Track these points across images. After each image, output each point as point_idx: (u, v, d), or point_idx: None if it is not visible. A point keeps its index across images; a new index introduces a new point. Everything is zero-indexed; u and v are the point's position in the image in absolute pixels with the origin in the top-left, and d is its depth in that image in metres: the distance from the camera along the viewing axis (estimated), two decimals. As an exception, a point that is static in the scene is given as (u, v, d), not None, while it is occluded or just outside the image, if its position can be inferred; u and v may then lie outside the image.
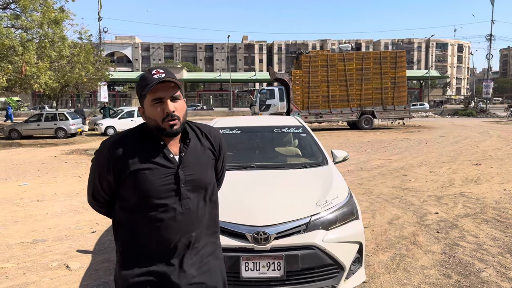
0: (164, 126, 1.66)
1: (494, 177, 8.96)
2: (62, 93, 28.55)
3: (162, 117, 1.65)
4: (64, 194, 7.98)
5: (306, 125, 5.26)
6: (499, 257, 4.41)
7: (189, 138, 1.77)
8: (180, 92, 1.71)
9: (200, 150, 1.79)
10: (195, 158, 1.75)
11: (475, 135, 19.48)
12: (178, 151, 1.74)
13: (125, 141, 1.70)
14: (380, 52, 26.44)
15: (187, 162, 1.72)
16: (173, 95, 1.68)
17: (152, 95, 1.65)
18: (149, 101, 1.67)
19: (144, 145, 1.70)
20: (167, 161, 1.69)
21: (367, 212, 6.27)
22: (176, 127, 1.67)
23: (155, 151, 1.69)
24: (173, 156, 1.71)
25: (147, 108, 1.69)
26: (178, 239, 1.68)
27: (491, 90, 44.59)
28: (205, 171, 1.78)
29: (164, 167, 1.68)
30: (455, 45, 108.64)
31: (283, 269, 2.94)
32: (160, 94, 1.65)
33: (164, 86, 1.65)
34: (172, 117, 1.65)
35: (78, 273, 4.21)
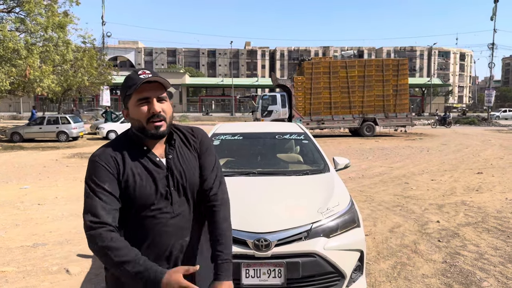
0: (149, 127, 1.62)
1: (495, 186, 8.94)
2: (64, 96, 28.64)
3: (147, 117, 1.61)
4: (65, 198, 7.98)
5: (308, 131, 5.26)
6: (501, 267, 4.39)
7: (174, 139, 1.72)
8: (166, 94, 1.67)
9: (186, 151, 1.75)
10: (182, 160, 1.71)
11: (476, 143, 19.45)
12: (164, 153, 1.70)
13: (113, 148, 1.65)
14: (383, 59, 26.50)
15: (175, 165, 1.68)
16: (160, 95, 1.64)
17: (138, 95, 1.61)
18: (135, 101, 1.62)
19: (129, 153, 1.64)
20: (154, 165, 1.65)
21: (369, 219, 6.26)
22: (162, 128, 1.63)
23: (140, 157, 1.64)
24: (160, 160, 1.67)
25: (132, 109, 1.64)
26: (172, 244, 1.65)
27: (493, 99, 44.54)
28: (193, 173, 1.72)
29: (153, 171, 1.64)
30: (457, 53, 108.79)
31: (284, 277, 2.93)
32: (146, 94, 1.61)
33: (151, 86, 1.61)
34: (158, 118, 1.61)
35: (78, 277, 4.20)
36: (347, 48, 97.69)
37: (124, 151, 1.64)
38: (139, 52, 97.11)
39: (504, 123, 39.78)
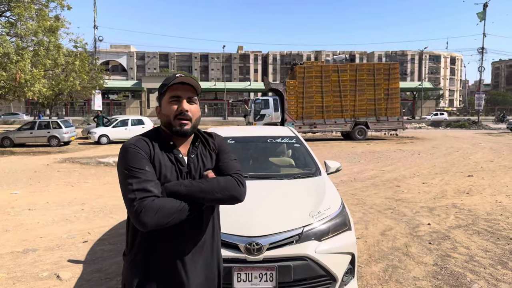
0: (175, 123, 1.78)
1: (486, 188, 9.03)
2: (56, 101, 28.44)
3: (175, 114, 1.77)
4: (56, 203, 7.92)
5: (299, 135, 5.28)
6: (491, 269, 4.43)
7: (198, 141, 1.91)
8: (197, 98, 1.85)
9: (206, 153, 1.91)
10: (201, 161, 1.87)
11: (467, 146, 19.63)
12: (187, 152, 1.86)
13: (147, 139, 1.79)
14: (374, 63, 26.66)
15: (194, 164, 1.84)
16: (191, 96, 1.81)
17: (171, 93, 1.79)
18: (167, 98, 1.80)
19: (157, 145, 1.79)
20: (177, 161, 1.80)
21: (360, 223, 6.28)
22: (187, 127, 1.79)
23: (166, 150, 1.80)
24: (182, 157, 1.83)
25: (164, 105, 1.82)
26: (188, 238, 1.78)
27: (483, 102, 45.06)
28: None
29: (176, 166, 1.79)
30: (448, 57, 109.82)
31: (276, 280, 2.94)
32: (178, 93, 1.79)
33: (184, 87, 1.79)
34: (184, 116, 1.77)
35: (69, 283, 4.17)
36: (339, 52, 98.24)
37: (154, 142, 1.80)
38: (131, 56, 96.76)
39: (494, 126, 40.19)
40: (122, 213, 7.07)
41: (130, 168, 1.67)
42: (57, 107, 42.67)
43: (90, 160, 15.38)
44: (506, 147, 19.26)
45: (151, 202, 1.60)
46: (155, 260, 1.76)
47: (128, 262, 1.81)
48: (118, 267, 4.55)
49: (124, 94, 68.10)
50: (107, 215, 6.95)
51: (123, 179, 1.68)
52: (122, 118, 24.73)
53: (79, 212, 7.18)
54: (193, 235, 1.80)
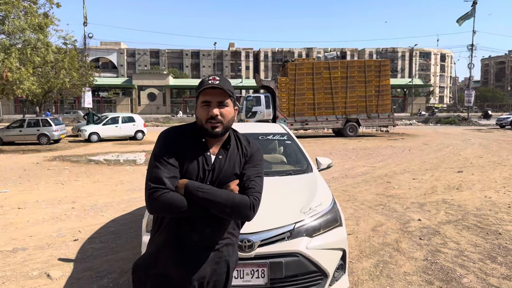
0: (207, 126, 1.86)
1: (475, 184, 9.12)
2: (45, 99, 28.16)
3: (206, 118, 1.85)
4: (46, 201, 7.85)
5: (291, 132, 5.29)
6: (480, 263, 4.48)
7: (230, 144, 1.96)
8: (230, 100, 1.90)
9: (235, 158, 1.96)
10: (228, 163, 1.92)
11: (457, 143, 19.82)
12: (217, 152, 1.92)
13: (180, 133, 1.92)
14: (365, 60, 26.79)
15: (220, 164, 1.90)
16: (221, 101, 1.86)
17: (202, 98, 1.87)
18: (200, 102, 1.89)
19: (190, 138, 1.90)
20: (204, 158, 1.88)
21: (351, 219, 6.32)
22: (217, 129, 1.86)
23: (196, 146, 1.89)
24: (210, 155, 1.90)
25: (198, 108, 1.91)
26: (193, 235, 1.84)
27: (472, 99, 45.48)
28: (229, 177, 1.92)
29: (201, 162, 1.87)
30: (438, 54, 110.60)
31: (267, 277, 2.94)
32: (208, 98, 1.86)
33: (215, 92, 1.85)
34: (215, 120, 1.84)
35: (59, 282, 4.13)
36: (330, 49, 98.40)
37: (187, 135, 1.91)
38: (121, 53, 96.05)
39: (483, 123, 40.60)
40: (113, 211, 7.04)
41: (156, 156, 1.84)
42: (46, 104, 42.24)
43: (81, 158, 15.26)
44: (495, 143, 19.48)
45: (162, 195, 1.74)
46: (170, 240, 1.85)
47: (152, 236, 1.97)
48: (109, 265, 4.53)
49: (115, 91, 67.67)
50: (97, 213, 6.91)
51: (150, 163, 1.86)
52: (113, 115, 24.58)
53: (69, 210, 7.13)
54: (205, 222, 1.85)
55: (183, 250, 1.86)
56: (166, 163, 1.81)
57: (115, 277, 4.19)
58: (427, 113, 50.23)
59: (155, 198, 1.75)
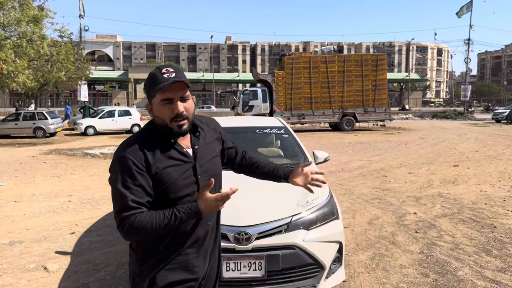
0: (172, 126, 1.67)
1: (471, 178, 9.17)
2: (41, 92, 28.00)
3: (171, 117, 1.66)
4: (42, 194, 7.84)
5: (288, 126, 5.29)
6: (475, 256, 4.52)
7: (199, 130, 1.82)
8: (189, 92, 1.72)
9: (209, 141, 1.87)
10: (206, 149, 1.83)
11: (453, 137, 19.89)
12: (190, 144, 1.79)
13: (141, 142, 1.67)
14: (362, 54, 26.76)
15: (201, 154, 1.79)
16: (183, 95, 1.68)
17: (162, 95, 1.64)
18: (158, 100, 1.65)
19: (158, 144, 1.69)
20: (183, 155, 1.72)
21: (348, 212, 6.35)
22: (185, 127, 1.70)
23: (168, 149, 1.70)
24: (186, 150, 1.75)
25: (156, 107, 1.68)
26: (198, 229, 1.76)
27: (469, 93, 45.56)
28: (215, 160, 1.88)
29: (182, 161, 1.71)
30: (434, 48, 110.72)
31: (264, 269, 2.96)
32: (169, 95, 1.64)
33: (175, 86, 1.64)
34: (181, 117, 1.67)
35: (56, 274, 4.14)
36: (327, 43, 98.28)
37: (152, 144, 1.68)
38: (117, 46, 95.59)
39: (479, 117, 40.74)
40: (110, 204, 7.02)
41: (121, 179, 1.61)
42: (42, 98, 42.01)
43: (77, 151, 15.22)
44: (491, 137, 19.56)
45: (133, 220, 1.56)
46: (164, 249, 1.72)
47: (138, 256, 1.75)
48: (106, 258, 4.54)
49: (111, 84, 67.35)
50: (94, 207, 6.91)
51: (114, 189, 1.62)
52: (109, 109, 24.50)
53: (66, 203, 7.12)
54: (201, 220, 1.78)
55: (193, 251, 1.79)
56: (133, 185, 1.59)
57: (112, 269, 4.20)
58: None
59: (129, 226, 1.56)
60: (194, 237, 1.76)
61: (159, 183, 1.65)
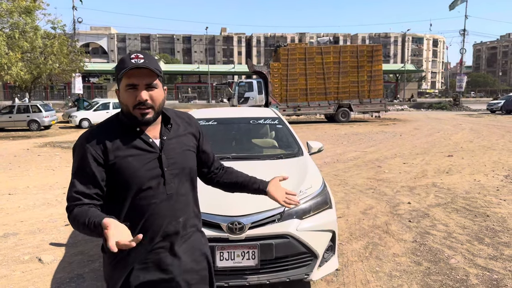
0: (135, 113, 1.61)
1: (465, 168, 9.23)
2: (34, 84, 27.79)
3: (133, 104, 1.60)
4: (37, 187, 7.82)
5: (282, 116, 5.29)
6: (468, 245, 4.56)
7: (171, 123, 1.74)
8: (158, 81, 1.64)
9: (181, 134, 1.77)
10: (176, 142, 1.73)
11: (448, 127, 19.96)
12: (159, 135, 1.70)
13: (102, 131, 1.64)
14: (357, 45, 26.70)
15: (169, 146, 1.70)
16: (149, 83, 1.60)
17: (126, 80, 1.59)
18: (123, 85, 1.61)
19: (121, 133, 1.64)
20: (147, 145, 1.65)
21: (342, 202, 6.38)
22: (148, 116, 1.62)
23: (132, 137, 1.64)
24: (153, 141, 1.67)
25: (122, 92, 1.63)
26: (166, 226, 1.67)
27: (464, 84, 45.65)
28: (188, 155, 1.77)
29: (146, 151, 1.64)
30: (430, 39, 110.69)
31: (258, 258, 2.97)
32: (134, 81, 1.58)
33: (140, 72, 1.58)
34: (144, 106, 1.59)
35: (50, 266, 4.15)
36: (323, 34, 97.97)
37: (114, 133, 1.64)
38: (111, 38, 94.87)
39: (474, 108, 40.88)
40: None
41: (74, 168, 1.61)
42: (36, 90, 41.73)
43: (71, 144, 15.11)
44: (485, 128, 19.65)
45: (71, 210, 1.55)
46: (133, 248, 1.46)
47: (110, 258, 1.70)
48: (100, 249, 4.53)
49: (105, 77, 66.94)
50: (89, 199, 6.89)
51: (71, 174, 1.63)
52: (103, 101, 24.36)
53: (60, 196, 7.10)
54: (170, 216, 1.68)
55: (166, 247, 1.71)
56: (83, 174, 1.58)
57: (107, 260, 4.21)
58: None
59: (70, 215, 1.55)
60: (163, 234, 1.67)
61: (118, 172, 1.60)
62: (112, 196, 1.64)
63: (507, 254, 4.27)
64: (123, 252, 1.53)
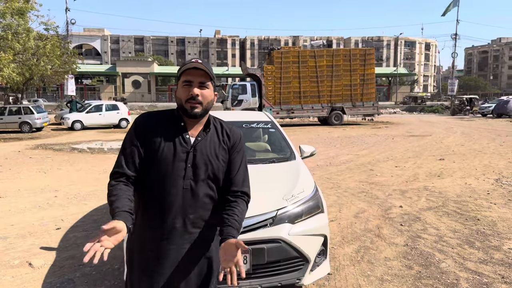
0: (186, 106, 1.85)
1: (456, 171, 9.30)
2: (27, 86, 27.59)
3: (186, 98, 1.84)
4: (28, 190, 7.75)
5: (275, 120, 5.30)
6: (458, 248, 4.60)
7: (210, 128, 1.95)
8: (210, 83, 1.89)
9: (215, 141, 1.94)
10: (208, 146, 1.90)
11: (440, 131, 20.11)
12: (196, 135, 1.90)
13: (154, 118, 1.93)
14: (350, 49, 26.84)
15: (200, 147, 1.88)
16: (202, 81, 1.86)
17: (184, 77, 1.86)
18: (181, 82, 1.88)
19: (167, 124, 1.90)
20: (182, 140, 1.86)
21: (334, 206, 6.40)
22: (197, 110, 1.85)
23: (174, 130, 1.88)
24: (189, 137, 1.88)
25: (178, 88, 1.90)
26: (175, 216, 1.82)
27: (456, 88, 45.99)
28: (214, 160, 1.90)
29: (179, 145, 1.85)
30: (422, 43, 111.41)
31: (249, 263, 2.97)
32: (190, 78, 1.85)
33: (196, 72, 1.84)
34: (194, 100, 1.83)
35: (41, 270, 4.11)
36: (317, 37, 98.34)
37: (163, 121, 1.91)
38: (105, 40, 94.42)
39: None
40: (96, 200, 6.99)
41: (124, 140, 1.92)
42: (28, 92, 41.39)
43: (64, 146, 15.06)
44: (477, 131, 19.82)
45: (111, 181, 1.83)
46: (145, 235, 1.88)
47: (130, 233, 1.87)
48: (92, 253, 4.50)
49: (98, 78, 66.62)
50: (80, 202, 6.86)
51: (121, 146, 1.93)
52: (96, 103, 24.25)
53: (52, 199, 7.06)
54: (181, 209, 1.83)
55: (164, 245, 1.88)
56: (129, 147, 1.87)
57: (98, 265, 4.18)
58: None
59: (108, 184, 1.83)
60: (170, 225, 1.83)
61: (152, 154, 1.83)
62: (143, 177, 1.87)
63: (497, 258, 4.31)
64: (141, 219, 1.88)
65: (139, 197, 1.88)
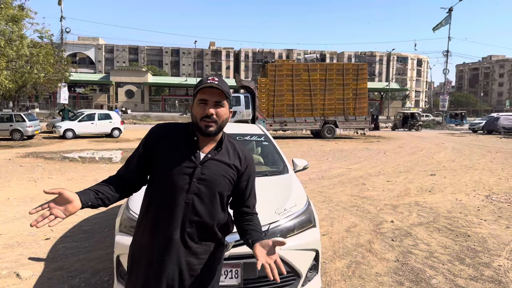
0: (201, 124, 1.86)
1: (447, 187, 9.36)
2: (19, 93, 27.42)
3: (201, 116, 1.85)
4: (17, 199, 7.66)
5: (268, 133, 5.32)
6: (449, 265, 4.61)
7: (222, 147, 1.96)
8: (226, 102, 1.90)
9: (226, 161, 1.95)
10: (217, 164, 1.92)
11: (431, 146, 20.27)
12: (207, 152, 1.92)
13: (169, 129, 1.96)
14: (343, 64, 27.12)
15: (209, 164, 1.90)
16: (218, 100, 1.86)
17: (200, 96, 1.87)
18: (197, 100, 1.88)
19: (180, 137, 1.93)
20: (192, 155, 1.88)
21: (326, 219, 6.40)
22: (211, 129, 1.86)
23: (186, 144, 1.91)
24: (199, 153, 1.90)
25: (194, 106, 1.91)
26: (174, 228, 1.84)
27: (447, 103, 46.63)
28: (221, 179, 1.91)
29: (187, 159, 1.87)
30: (414, 59, 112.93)
31: (241, 277, 2.95)
32: (205, 97, 1.86)
33: (212, 91, 1.85)
34: (209, 119, 1.84)
35: (29, 281, 4.05)
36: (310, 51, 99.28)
37: (176, 133, 1.95)
38: (99, 49, 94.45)
39: (457, 127, 41.65)
40: (86, 210, 6.87)
41: (137, 147, 2.00)
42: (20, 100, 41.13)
43: (55, 155, 14.94)
44: (467, 147, 20.02)
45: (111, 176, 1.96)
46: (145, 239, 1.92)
47: (134, 233, 2.02)
48: (81, 264, 4.46)
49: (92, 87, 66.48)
50: (71, 212, 6.77)
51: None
52: (89, 112, 24.13)
53: (41, 208, 6.96)
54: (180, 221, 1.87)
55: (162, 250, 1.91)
56: (136, 151, 1.97)
57: (87, 276, 4.14)
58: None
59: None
60: (167, 236, 1.86)
61: (161, 164, 1.89)
62: (151, 184, 1.94)
63: (487, 275, 4.33)
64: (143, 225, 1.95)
65: (144, 204, 1.96)
